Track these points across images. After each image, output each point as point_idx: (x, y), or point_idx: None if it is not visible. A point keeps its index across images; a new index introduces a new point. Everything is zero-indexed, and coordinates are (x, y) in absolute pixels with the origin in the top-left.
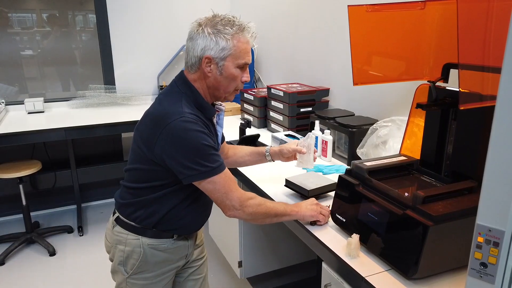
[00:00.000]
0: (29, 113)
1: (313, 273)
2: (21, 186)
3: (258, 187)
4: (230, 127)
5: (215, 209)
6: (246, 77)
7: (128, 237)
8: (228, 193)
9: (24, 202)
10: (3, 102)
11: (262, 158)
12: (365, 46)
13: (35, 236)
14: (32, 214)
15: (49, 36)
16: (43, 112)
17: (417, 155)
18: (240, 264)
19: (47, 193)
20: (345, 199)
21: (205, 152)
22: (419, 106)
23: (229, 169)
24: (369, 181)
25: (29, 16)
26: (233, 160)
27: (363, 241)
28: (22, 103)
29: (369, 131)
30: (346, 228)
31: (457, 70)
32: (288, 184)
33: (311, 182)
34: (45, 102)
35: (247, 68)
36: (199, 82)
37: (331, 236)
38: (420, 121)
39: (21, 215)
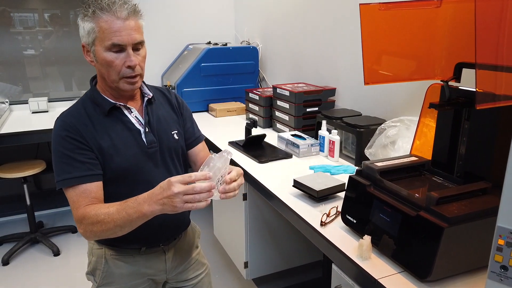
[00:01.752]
0: (33, 112)
1: (319, 274)
2: (25, 186)
3: (265, 186)
4: (235, 127)
5: (220, 208)
6: (129, 60)
7: (94, 246)
8: (73, 210)
9: (28, 202)
10: (7, 102)
11: None
12: (376, 45)
13: (39, 236)
14: (36, 214)
15: (51, 35)
16: (47, 111)
17: (426, 155)
18: (246, 264)
19: (51, 193)
20: (356, 200)
21: (58, 159)
22: (432, 106)
23: None
24: (381, 182)
25: (31, 16)
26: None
27: (375, 243)
28: (26, 102)
29: (377, 131)
30: (357, 229)
31: (469, 70)
32: (296, 184)
33: (320, 183)
34: (49, 101)
35: (130, 50)
36: (97, 75)
37: (341, 238)
38: (430, 121)
39: (25, 215)
